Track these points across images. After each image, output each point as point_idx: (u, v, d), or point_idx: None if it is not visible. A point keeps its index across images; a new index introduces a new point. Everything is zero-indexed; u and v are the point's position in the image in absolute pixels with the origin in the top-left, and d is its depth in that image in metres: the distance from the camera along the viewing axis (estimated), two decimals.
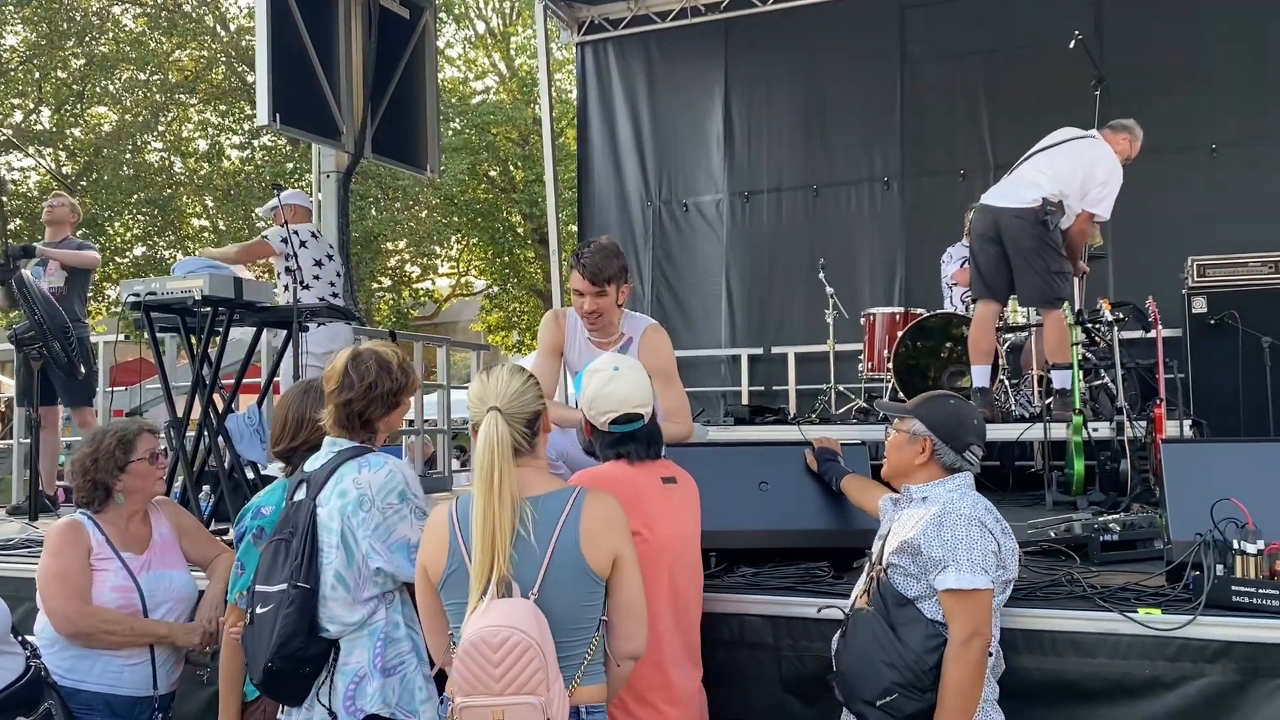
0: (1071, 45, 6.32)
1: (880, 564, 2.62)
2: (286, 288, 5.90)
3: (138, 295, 4.33)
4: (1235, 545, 2.70)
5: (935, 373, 6.44)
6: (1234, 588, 2.67)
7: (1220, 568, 2.71)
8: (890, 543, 2.63)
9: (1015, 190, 5.67)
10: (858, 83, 8.94)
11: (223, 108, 20.99)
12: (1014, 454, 6.99)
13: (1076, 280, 5.77)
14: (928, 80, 8.76)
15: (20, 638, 2.94)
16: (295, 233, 5.79)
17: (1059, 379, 5.70)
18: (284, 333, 4.88)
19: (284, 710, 2.74)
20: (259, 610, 2.64)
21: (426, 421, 8.76)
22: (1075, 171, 5.60)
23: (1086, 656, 2.71)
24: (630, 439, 2.86)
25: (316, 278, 6.06)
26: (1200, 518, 2.78)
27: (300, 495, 2.72)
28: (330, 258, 6.28)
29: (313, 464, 2.79)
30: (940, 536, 2.49)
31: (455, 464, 8.26)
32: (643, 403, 2.87)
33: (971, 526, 2.50)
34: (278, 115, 6.15)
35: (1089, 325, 6.19)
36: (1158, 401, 5.28)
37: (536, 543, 2.35)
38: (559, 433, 3.47)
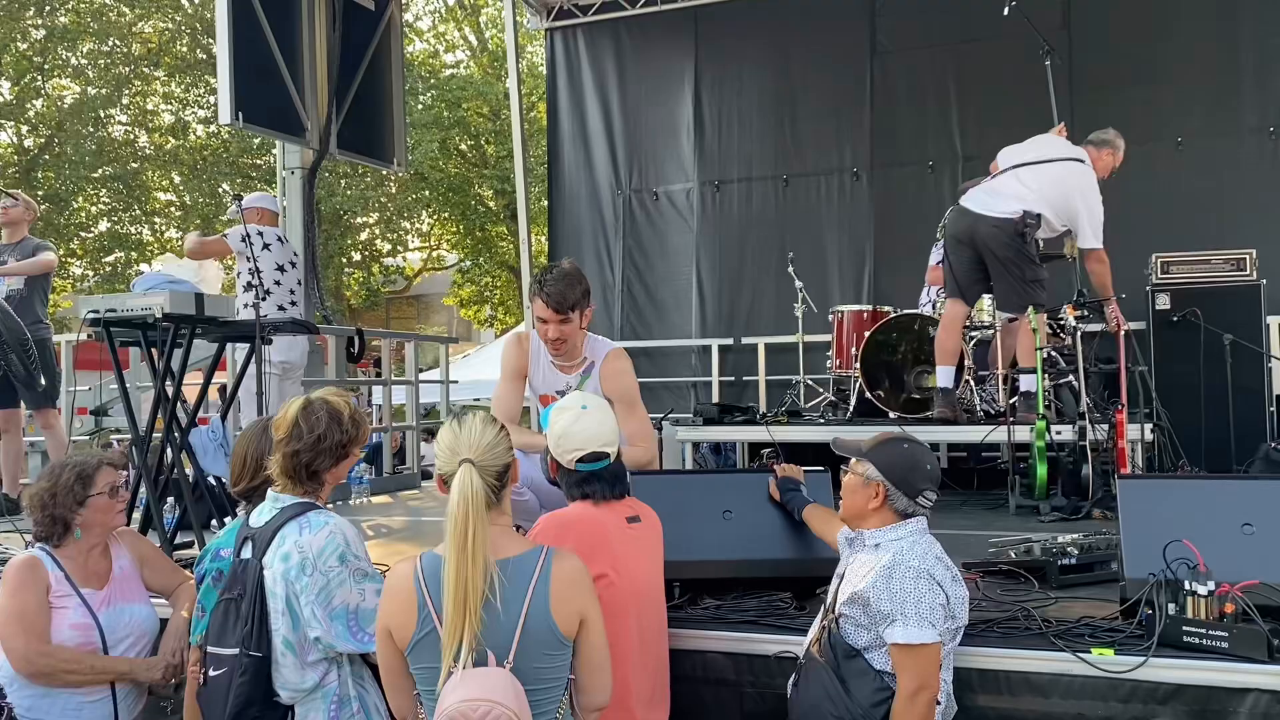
0: (1005, 12, 6.32)
1: (833, 612, 2.64)
2: (247, 291, 5.85)
3: (97, 312, 4.27)
4: (1187, 586, 2.74)
5: (902, 372, 6.48)
6: (1185, 628, 2.71)
7: (1172, 607, 2.75)
8: (843, 589, 2.65)
9: (996, 200, 5.70)
10: (828, 73, 8.92)
11: (187, 81, 20.64)
12: (979, 448, 7.06)
13: (1111, 325, 5.79)
14: (898, 71, 8.76)
15: None
16: (260, 234, 5.72)
17: (1026, 382, 5.76)
18: (246, 345, 4.83)
19: None
20: (212, 673, 2.65)
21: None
22: (1060, 196, 5.65)
23: (1040, 696, 2.75)
24: (596, 478, 2.85)
25: (277, 283, 6.01)
26: (1155, 554, 2.82)
27: (246, 553, 2.71)
28: (294, 265, 6.23)
29: (258, 518, 2.77)
30: (889, 589, 2.51)
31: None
32: (609, 442, 2.87)
33: (920, 580, 2.52)
34: (240, 114, 6.07)
35: (1053, 325, 6.26)
36: (1119, 407, 5.35)
37: (509, 609, 2.31)
38: (524, 459, 3.47)
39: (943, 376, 5.95)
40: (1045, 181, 5.68)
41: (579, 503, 2.87)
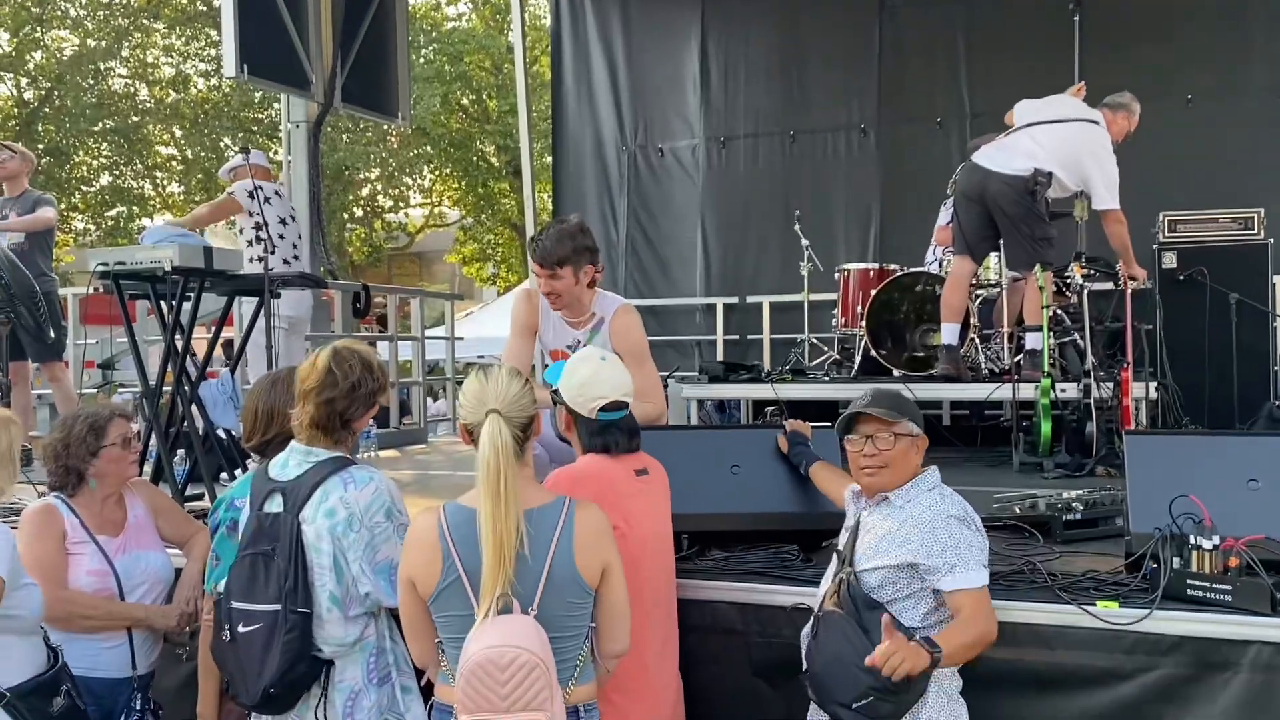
0: None
1: (851, 566, 2.66)
2: (253, 246, 5.84)
3: (107, 265, 4.27)
4: (1192, 540, 2.77)
5: (907, 331, 6.49)
6: (1189, 582, 2.74)
7: (1177, 561, 2.78)
8: (862, 545, 2.67)
9: (1008, 157, 5.69)
10: (836, 27, 8.83)
11: (188, 33, 20.46)
12: (983, 406, 7.08)
13: (1129, 284, 5.80)
14: (906, 26, 8.67)
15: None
16: (260, 188, 5.71)
17: (1032, 340, 5.77)
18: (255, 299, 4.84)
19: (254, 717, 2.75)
20: (242, 629, 2.59)
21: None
22: (1071, 156, 5.64)
23: (1046, 648, 2.79)
24: (616, 428, 2.86)
25: (281, 236, 6.01)
26: (1160, 509, 2.85)
27: (274, 507, 2.66)
28: (293, 218, 6.22)
29: (281, 470, 2.71)
30: (939, 542, 2.53)
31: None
32: (629, 392, 2.89)
33: (966, 526, 2.57)
34: (245, 66, 6.02)
35: (1059, 283, 6.26)
36: (1124, 365, 5.37)
37: (533, 557, 2.34)
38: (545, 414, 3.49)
39: (947, 333, 5.96)
40: (1057, 141, 5.66)
41: (589, 456, 2.89)
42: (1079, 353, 6.04)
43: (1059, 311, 6.26)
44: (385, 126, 19.85)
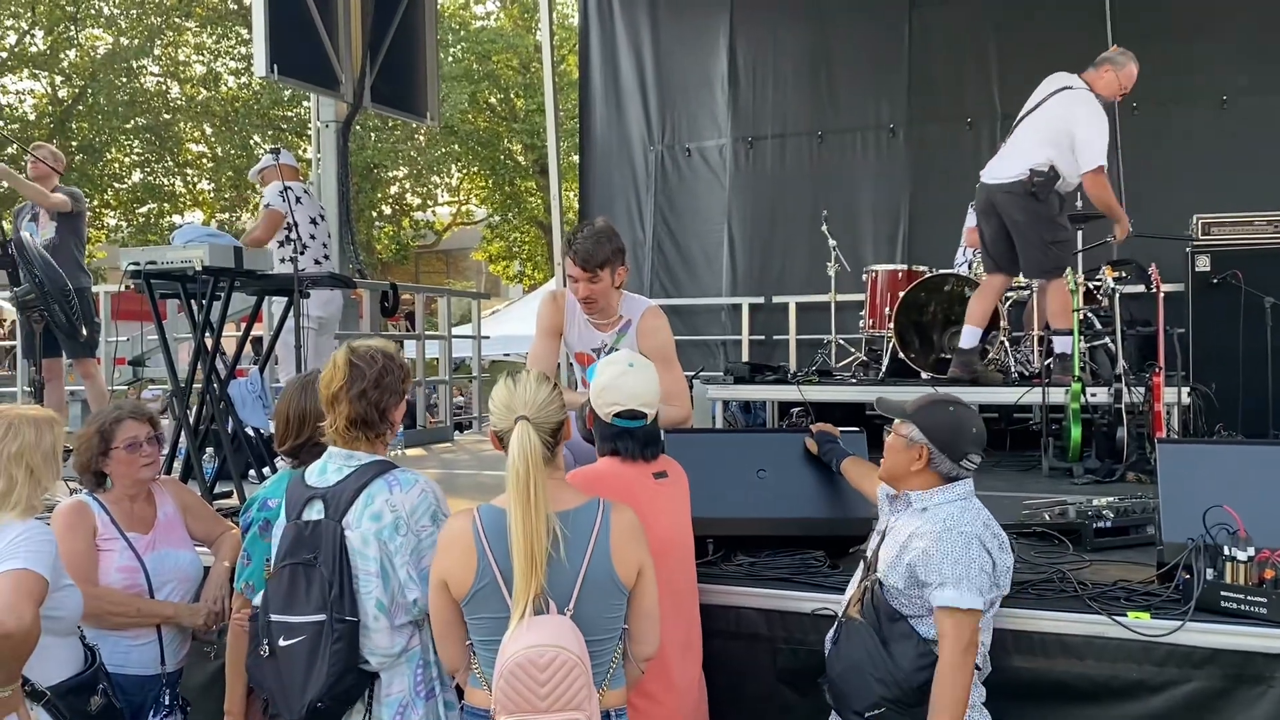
0: None
1: (875, 572, 2.65)
2: (284, 246, 5.86)
3: (138, 265, 4.31)
4: (1226, 551, 2.73)
5: (935, 332, 6.45)
6: (1223, 593, 2.71)
7: (1211, 572, 2.74)
8: (885, 550, 2.65)
9: (1004, 164, 5.66)
10: (865, 26, 8.79)
11: (218, 32, 20.64)
12: (1012, 410, 7.02)
13: (1117, 237, 5.70)
14: (936, 25, 8.61)
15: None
16: (289, 188, 5.74)
17: (1060, 344, 5.72)
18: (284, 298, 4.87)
19: None
20: (283, 643, 2.54)
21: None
22: (1058, 131, 5.52)
23: (1075, 658, 2.76)
24: (629, 435, 2.86)
25: (312, 236, 6.03)
26: (1193, 519, 2.81)
27: (314, 514, 2.61)
28: (322, 217, 6.24)
29: (320, 477, 2.67)
30: (939, 554, 2.50)
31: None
32: (649, 403, 2.87)
33: (970, 545, 2.51)
34: (275, 66, 6.06)
35: (1090, 287, 6.20)
36: (1156, 369, 5.30)
37: (571, 559, 2.36)
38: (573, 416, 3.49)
39: (966, 336, 5.88)
40: (1041, 123, 5.57)
41: (606, 459, 2.90)
42: (1110, 357, 5.98)
43: (1090, 315, 6.20)
44: (414, 125, 20.00)
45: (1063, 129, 5.50)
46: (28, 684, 2.59)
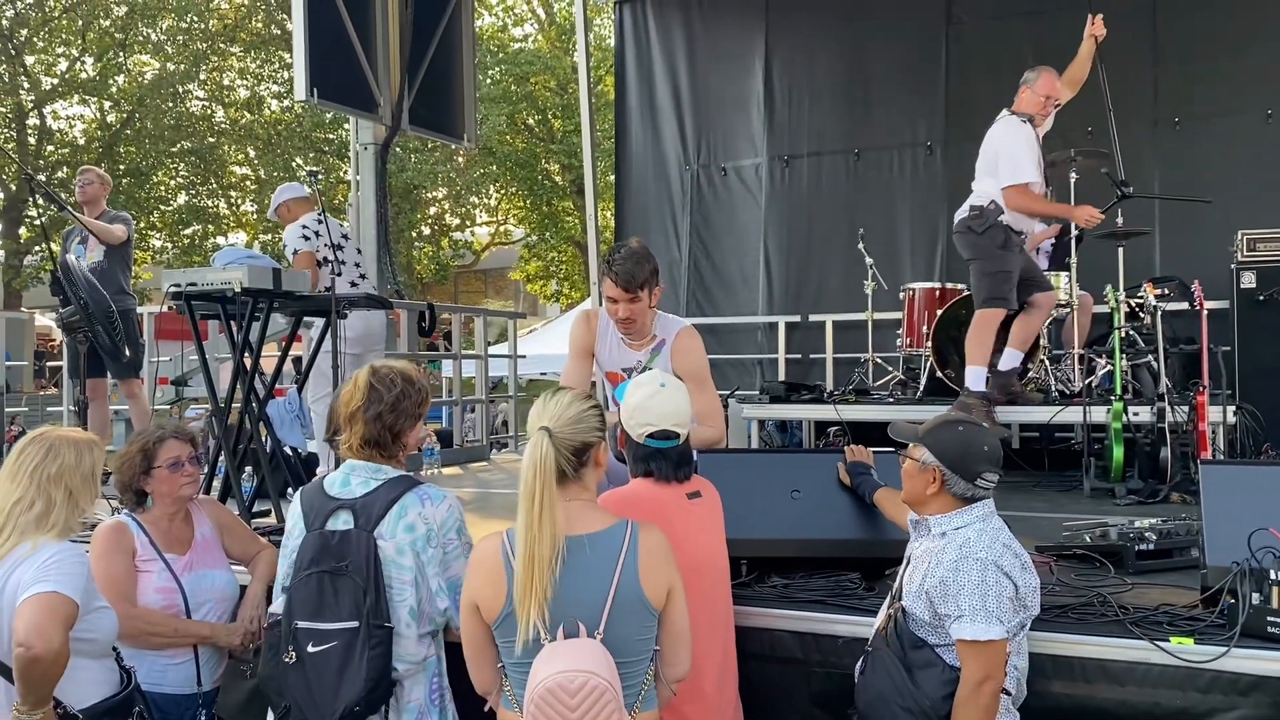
0: None
1: (900, 600, 2.61)
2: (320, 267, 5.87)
3: (179, 286, 4.37)
4: (1273, 575, 2.67)
5: None
6: (1269, 619, 2.64)
7: (1256, 597, 2.68)
8: (909, 579, 2.62)
9: (962, 210, 5.84)
10: (901, 44, 8.74)
11: (262, 56, 21.01)
12: (1051, 429, 6.93)
13: (1081, 224, 5.69)
14: (974, 42, 8.55)
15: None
16: (305, 226, 5.77)
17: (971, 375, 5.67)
18: (320, 321, 4.92)
19: None
20: (311, 649, 2.58)
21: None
22: (989, 161, 5.71)
23: (1116, 684, 2.71)
24: (662, 456, 2.86)
25: (342, 262, 6.05)
26: (1238, 542, 2.74)
27: (342, 524, 2.66)
28: (346, 238, 6.22)
29: (343, 489, 2.72)
30: (956, 584, 2.46)
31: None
32: (681, 423, 2.87)
33: (988, 572, 2.46)
34: (315, 90, 6.14)
35: (1133, 304, 6.10)
36: (1201, 388, 5.20)
37: (597, 581, 2.35)
38: None
39: (971, 378, 5.66)
40: (981, 160, 5.78)
41: (639, 480, 2.89)
42: (1153, 375, 5.88)
43: (1132, 333, 6.11)
44: (453, 146, 20.20)
45: (991, 157, 5.70)
46: (59, 706, 2.60)
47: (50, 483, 2.70)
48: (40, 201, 6.41)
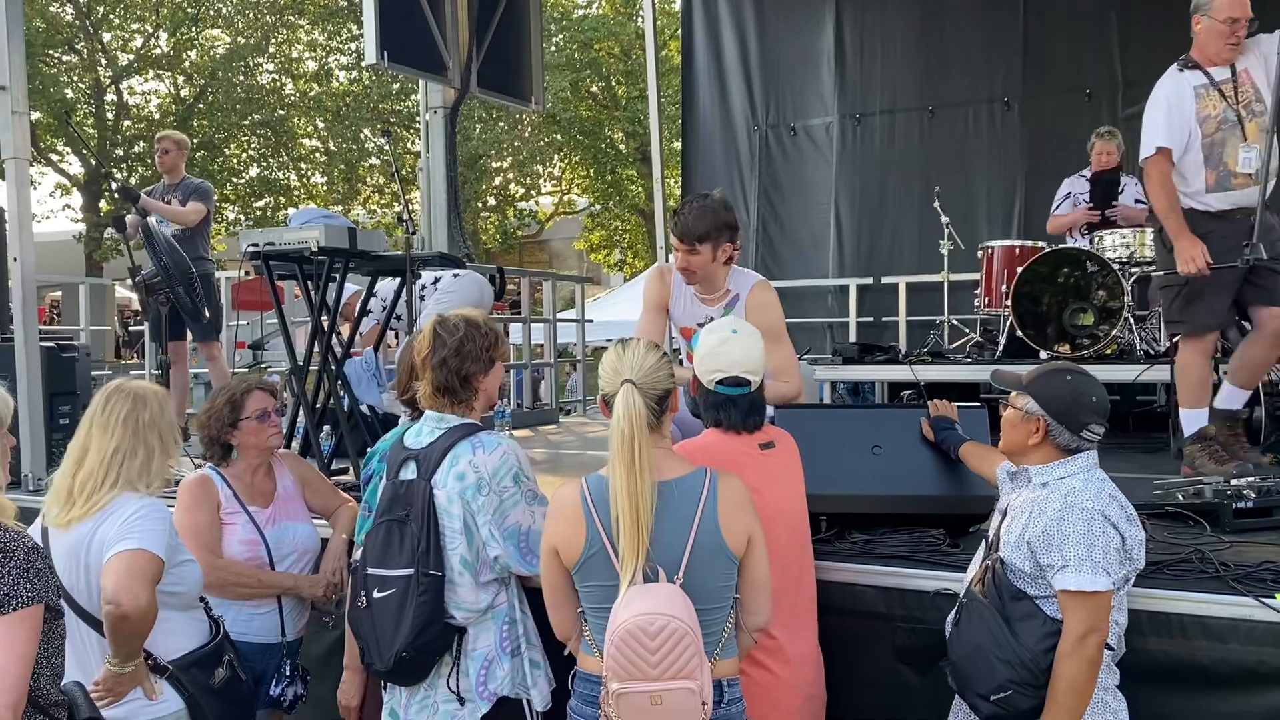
0: None
1: (996, 551, 2.54)
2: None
3: (257, 246, 4.43)
4: None
5: (1056, 310, 6.19)
6: None
7: None
8: (1007, 528, 2.55)
9: None
10: None
11: (330, 28, 21.19)
12: (1135, 390, 6.73)
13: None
14: None
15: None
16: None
17: None
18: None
19: (388, 687, 2.79)
20: (377, 595, 2.64)
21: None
22: None
23: (1217, 641, 2.61)
24: (732, 404, 2.82)
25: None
26: None
27: (409, 474, 2.71)
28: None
29: (416, 439, 2.78)
30: (1060, 533, 2.39)
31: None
32: (753, 370, 2.83)
33: (1094, 522, 2.38)
34: (385, 54, 6.14)
35: None
36: None
37: (679, 527, 2.35)
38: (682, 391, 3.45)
39: (1188, 420, 4.41)
40: None
41: (710, 430, 2.86)
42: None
43: None
44: (517, 115, 20.18)
45: None
46: (150, 658, 2.66)
47: (146, 429, 2.75)
48: (116, 195, 6.46)
